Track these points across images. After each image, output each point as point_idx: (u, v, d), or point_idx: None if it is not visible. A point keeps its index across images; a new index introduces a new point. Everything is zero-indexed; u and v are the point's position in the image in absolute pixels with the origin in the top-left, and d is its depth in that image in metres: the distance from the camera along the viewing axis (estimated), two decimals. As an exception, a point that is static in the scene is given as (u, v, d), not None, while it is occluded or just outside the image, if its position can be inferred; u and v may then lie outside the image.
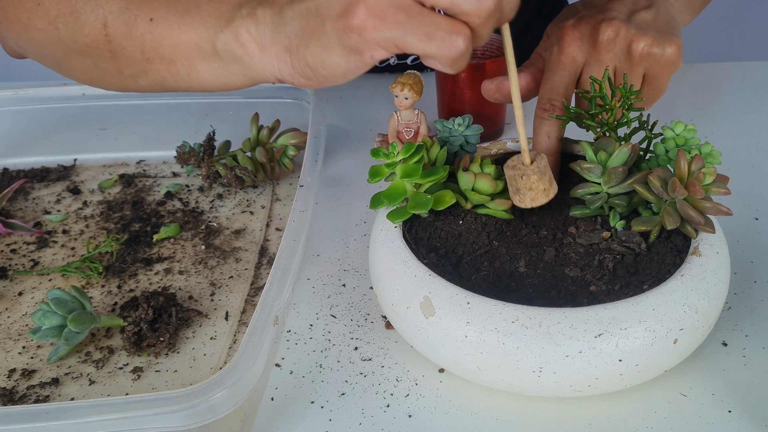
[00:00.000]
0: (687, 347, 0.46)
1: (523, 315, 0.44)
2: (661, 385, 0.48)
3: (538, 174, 0.50)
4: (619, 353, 0.43)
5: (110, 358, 0.53)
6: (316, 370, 0.51)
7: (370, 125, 0.81)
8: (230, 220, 0.66)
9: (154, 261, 0.62)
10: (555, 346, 0.43)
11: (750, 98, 0.81)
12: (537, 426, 0.46)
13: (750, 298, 0.55)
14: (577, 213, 0.54)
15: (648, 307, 0.44)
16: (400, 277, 0.49)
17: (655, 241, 0.51)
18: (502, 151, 0.61)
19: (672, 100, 0.81)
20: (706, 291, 0.46)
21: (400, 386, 0.50)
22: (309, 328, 0.55)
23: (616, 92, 0.54)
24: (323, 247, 0.63)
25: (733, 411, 0.46)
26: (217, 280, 0.59)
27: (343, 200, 0.69)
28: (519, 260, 0.52)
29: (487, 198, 0.54)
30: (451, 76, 0.73)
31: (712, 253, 0.48)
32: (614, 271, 0.50)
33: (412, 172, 0.50)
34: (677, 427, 0.46)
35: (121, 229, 0.66)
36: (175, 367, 0.52)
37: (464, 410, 0.48)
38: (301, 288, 0.59)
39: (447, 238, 0.54)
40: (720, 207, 0.48)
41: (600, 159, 0.52)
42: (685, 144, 0.53)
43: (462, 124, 0.57)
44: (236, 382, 0.40)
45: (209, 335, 0.54)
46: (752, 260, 0.58)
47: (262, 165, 0.69)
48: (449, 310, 0.45)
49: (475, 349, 0.45)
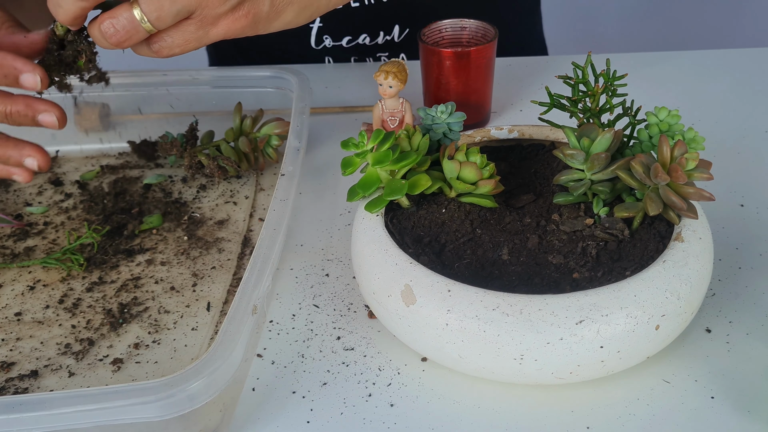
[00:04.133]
0: (669, 333, 0.45)
1: (504, 302, 0.44)
2: (644, 372, 0.48)
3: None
4: (600, 340, 0.43)
5: (90, 350, 0.52)
6: (298, 360, 0.51)
7: (355, 114, 0.80)
8: (213, 211, 0.66)
9: (136, 252, 0.61)
10: (536, 333, 0.43)
11: (737, 85, 0.81)
12: (520, 414, 0.46)
13: (734, 284, 0.55)
14: (560, 200, 0.53)
15: (629, 293, 0.44)
16: (381, 265, 0.48)
17: (638, 228, 0.51)
18: (486, 139, 0.61)
19: (660, 87, 0.81)
20: (688, 277, 0.45)
21: (383, 375, 0.49)
22: (291, 318, 0.54)
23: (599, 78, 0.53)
24: (307, 237, 0.63)
25: (716, 397, 0.46)
26: (200, 271, 0.59)
27: (327, 190, 0.68)
28: (502, 248, 0.51)
29: (472, 187, 0.53)
30: (437, 63, 0.72)
31: (695, 238, 0.47)
32: (597, 257, 0.49)
33: (383, 158, 0.50)
34: (660, 413, 0.45)
35: (103, 220, 0.65)
36: (156, 359, 0.51)
37: (446, 399, 0.47)
38: (284, 278, 0.58)
39: (430, 226, 0.53)
40: (703, 192, 0.47)
41: (583, 145, 0.52)
42: (668, 130, 0.52)
43: (445, 111, 0.57)
44: (214, 371, 0.40)
45: (190, 326, 0.54)
46: (737, 246, 0.58)
47: (246, 155, 0.68)
48: (430, 298, 0.45)
49: (456, 337, 0.44)
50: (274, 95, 0.72)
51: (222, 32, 0.51)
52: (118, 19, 0.48)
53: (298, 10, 0.53)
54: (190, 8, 0.48)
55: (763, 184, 0.65)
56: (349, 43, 0.92)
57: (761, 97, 0.78)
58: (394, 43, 0.92)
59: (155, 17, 0.48)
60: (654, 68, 0.85)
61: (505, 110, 0.79)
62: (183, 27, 0.50)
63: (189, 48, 0.51)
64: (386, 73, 0.65)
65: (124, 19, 0.48)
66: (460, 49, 0.71)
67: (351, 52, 0.93)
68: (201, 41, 0.51)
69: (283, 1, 0.52)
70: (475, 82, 0.73)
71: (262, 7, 0.51)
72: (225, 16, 0.50)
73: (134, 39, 0.49)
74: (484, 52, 0.71)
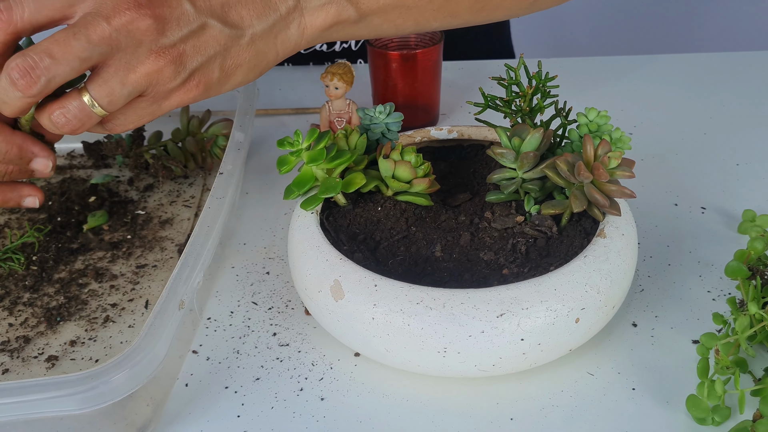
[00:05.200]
0: (591, 327, 0.47)
1: (428, 296, 0.44)
2: (569, 365, 0.49)
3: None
4: (521, 332, 0.44)
5: (25, 347, 0.52)
6: (233, 356, 0.51)
7: (307, 116, 0.81)
8: (159, 211, 0.66)
9: (78, 251, 0.61)
10: (458, 327, 0.44)
11: (680, 89, 0.83)
12: (446, 406, 0.47)
13: (663, 280, 0.56)
14: (492, 198, 0.55)
15: (550, 287, 0.45)
16: (313, 261, 0.49)
17: (566, 225, 0.52)
18: (426, 139, 0.62)
19: (605, 91, 0.83)
20: (609, 271, 0.47)
21: (315, 370, 0.50)
22: (229, 315, 0.55)
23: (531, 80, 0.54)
24: (250, 236, 0.63)
25: (637, 388, 0.47)
26: (140, 270, 0.59)
27: (273, 190, 0.69)
28: (435, 245, 0.52)
29: (407, 185, 0.54)
30: (384, 66, 0.73)
31: (618, 234, 0.49)
32: (527, 254, 0.50)
33: (317, 156, 0.50)
34: (582, 405, 0.46)
35: (47, 220, 0.65)
36: (91, 355, 0.51)
37: (376, 392, 0.48)
38: (225, 276, 0.59)
39: (366, 224, 0.54)
40: (624, 189, 0.49)
41: (513, 144, 0.53)
42: (597, 130, 0.54)
43: (383, 111, 0.58)
44: (136, 364, 0.40)
45: (128, 323, 0.54)
46: (668, 244, 0.60)
47: (193, 155, 0.69)
48: (357, 292, 0.46)
49: (382, 331, 0.45)
50: (223, 96, 0.73)
51: (175, 103, 0.50)
52: (68, 108, 0.46)
53: (247, 70, 0.52)
54: (140, 88, 0.47)
55: (697, 185, 0.67)
56: (307, 50, 0.93)
57: (703, 100, 0.81)
58: (351, 50, 0.93)
59: (107, 102, 0.46)
60: (608, 72, 0.87)
61: (454, 112, 0.80)
62: (135, 105, 0.48)
63: (143, 122, 0.50)
64: (332, 75, 0.66)
65: (75, 108, 0.46)
66: (406, 52, 0.72)
67: (309, 58, 0.94)
68: (154, 115, 0.50)
69: (233, 65, 0.50)
70: (422, 84, 0.74)
71: (212, 74, 0.50)
72: (177, 89, 0.48)
73: (87, 125, 0.47)
74: (430, 54, 0.72)
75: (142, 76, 0.46)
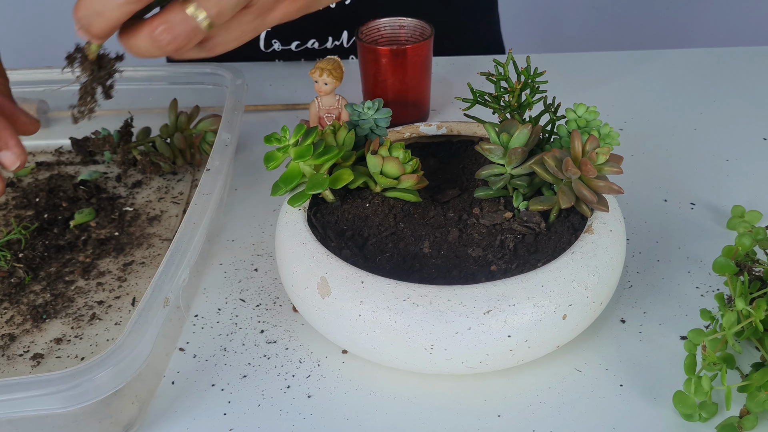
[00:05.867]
0: (578, 323, 0.47)
1: (415, 293, 0.44)
2: (557, 361, 0.49)
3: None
4: (507, 329, 0.44)
5: (11, 345, 0.52)
6: (220, 353, 0.51)
7: (297, 112, 0.80)
8: (147, 207, 0.66)
9: (65, 248, 0.61)
10: (445, 323, 0.44)
11: (671, 85, 0.83)
12: (433, 403, 0.47)
13: (652, 276, 0.56)
14: (481, 194, 0.54)
15: (537, 283, 0.45)
16: (300, 258, 0.49)
17: (554, 221, 0.52)
18: (416, 135, 0.62)
19: (595, 87, 0.83)
20: (596, 268, 0.47)
21: (303, 367, 0.50)
22: (217, 312, 0.55)
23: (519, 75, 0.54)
24: (239, 233, 0.63)
25: (625, 385, 0.47)
26: (128, 267, 0.59)
27: (262, 186, 0.68)
28: (423, 241, 0.52)
29: (395, 181, 0.54)
30: (374, 62, 0.73)
31: (606, 230, 0.49)
32: (515, 250, 0.50)
33: (304, 152, 0.50)
34: (569, 401, 0.46)
35: (35, 216, 0.65)
36: (77, 353, 0.51)
37: (363, 390, 0.48)
38: (213, 273, 0.58)
39: (354, 221, 0.54)
40: (612, 185, 0.48)
41: (501, 140, 0.53)
42: (586, 126, 0.54)
43: (372, 107, 0.57)
44: (120, 362, 0.40)
45: (114, 321, 0.54)
46: (657, 240, 0.59)
47: (182, 151, 0.68)
48: (344, 289, 0.46)
49: (369, 328, 0.45)
50: (212, 92, 0.72)
51: (279, 16, 0.45)
52: (174, 23, 0.41)
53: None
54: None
55: (686, 181, 0.66)
56: (299, 48, 0.92)
57: (693, 96, 0.80)
58: (343, 48, 0.93)
59: (215, 12, 0.41)
60: (598, 67, 0.87)
61: (445, 108, 0.80)
62: (240, 18, 0.44)
63: (244, 40, 0.45)
64: (321, 70, 0.65)
65: (181, 22, 0.41)
66: (396, 47, 0.72)
67: (300, 56, 0.94)
68: (257, 30, 0.45)
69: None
70: (412, 79, 0.74)
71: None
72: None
73: (193, 42, 0.42)
74: (420, 49, 0.72)
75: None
